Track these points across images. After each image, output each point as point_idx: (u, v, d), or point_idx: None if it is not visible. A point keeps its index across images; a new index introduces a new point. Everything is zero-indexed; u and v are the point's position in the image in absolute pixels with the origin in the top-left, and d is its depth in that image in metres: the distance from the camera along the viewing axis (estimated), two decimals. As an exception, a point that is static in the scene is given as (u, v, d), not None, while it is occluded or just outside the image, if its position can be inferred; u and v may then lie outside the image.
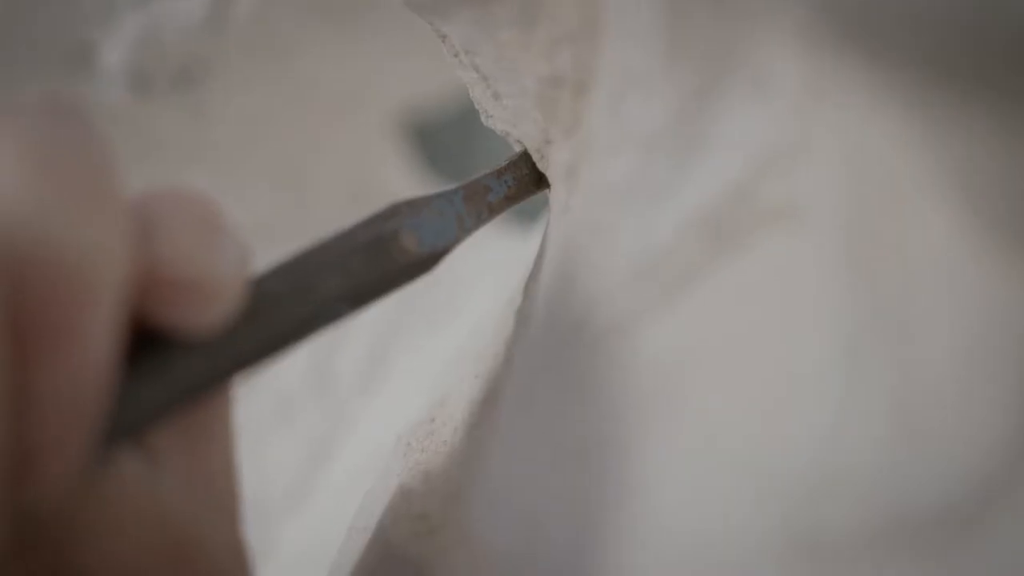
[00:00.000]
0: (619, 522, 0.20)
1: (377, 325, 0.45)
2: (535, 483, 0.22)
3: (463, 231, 0.25)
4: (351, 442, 0.42)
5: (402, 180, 0.48)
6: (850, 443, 0.17)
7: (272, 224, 0.45)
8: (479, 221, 0.26)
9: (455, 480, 0.26)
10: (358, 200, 0.47)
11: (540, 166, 0.27)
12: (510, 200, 0.26)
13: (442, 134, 0.51)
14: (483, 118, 0.27)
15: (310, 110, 0.45)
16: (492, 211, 0.26)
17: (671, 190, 0.21)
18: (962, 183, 0.18)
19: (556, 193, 0.25)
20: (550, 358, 0.23)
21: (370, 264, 0.23)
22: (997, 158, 0.17)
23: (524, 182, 0.26)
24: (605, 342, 0.22)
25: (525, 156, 0.27)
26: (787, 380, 0.18)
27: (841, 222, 0.18)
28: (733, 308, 0.19)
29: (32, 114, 0.18)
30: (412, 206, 0.25)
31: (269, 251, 0.26)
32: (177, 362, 0.20)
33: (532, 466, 0.23)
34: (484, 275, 0.44)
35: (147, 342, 0.20)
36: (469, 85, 0.27)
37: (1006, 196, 0.17)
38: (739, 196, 0.20)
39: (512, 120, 0.26)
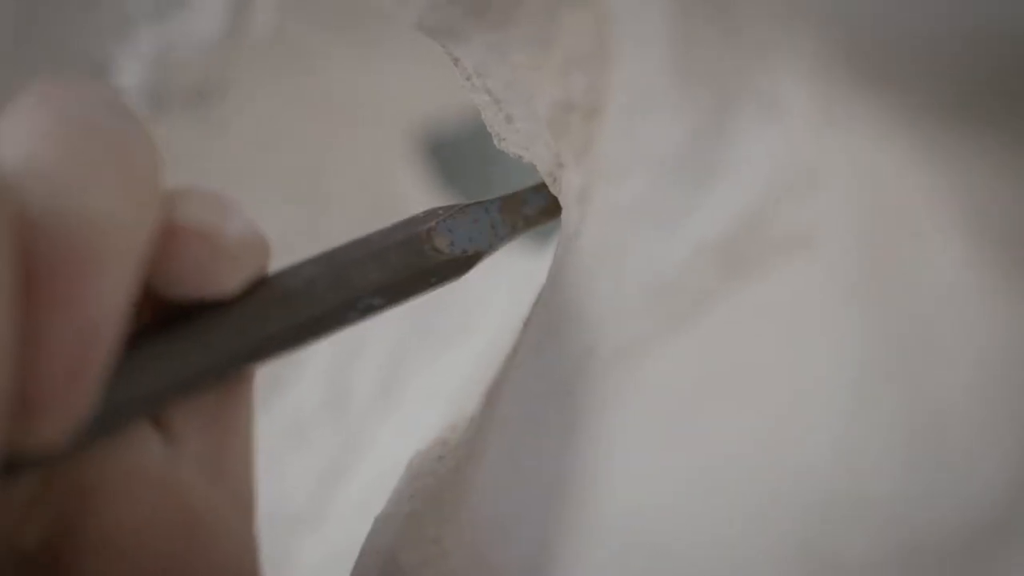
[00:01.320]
0: (629, 551, 0.20)
1: (392, 345, 0.45)
2: (546, 509, 0.22)
3: (497, 239, 0.26)
4: (366, 462, 0.42)
5: (419, 195, 0.48)
6: (863, 468, 0.17)
7: (288, 239, 0.44)
8: (514, 231, 0.26)
9: (466, 505, 0.25)
10: (374, 215, 0.47)
11: (553, 189, 0.27)
12: (546, 214, 0.27)
13: (459, 149, 0.51)
14: (496, 141, 0.27)
15: (326, 125, 0.45)
16: (528, 223, 0.27)
17: (682, 215, 0.21)
18: (974, 211, 0.17)
19: (568, 216, 0.25)
20: (559, 382, 0.23)
21: (404, 261, 0.24)
22: (1009, 187, 0.17)
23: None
24: (615, 366, 0.22)
25: None
26: (798, 406, 0.18)
27: (853, 250, 0.18)
28: (744, 334, 0.19)
29: (78, 89, 0.20)
30: (448, 211, 0.25)
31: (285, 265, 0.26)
32: (203, 336, 0.21)
33: (542, 492, 0.22)
34: (497, 295, 0.44)
35: (176, 317, 0.21)
36: (481, 108, 0.27)
37: (1017, 225, 0.17)
38: (752, 222, 0.20)
39: (524, 143, 0.26)
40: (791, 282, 0.19)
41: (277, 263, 0.36)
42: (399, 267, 0.24)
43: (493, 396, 0.27)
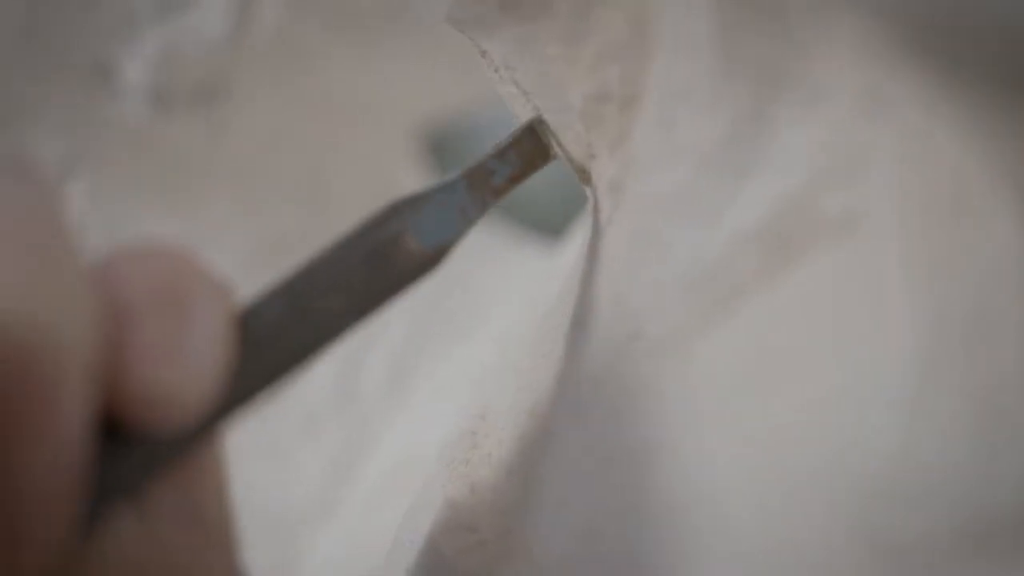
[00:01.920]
0: (681, 531, 0.20)
1: (399, 340, 0.45)
2: (590, 494, 0.22)
3: (466, 222, 0.24)
4: (376, 456, 0.42)
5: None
6: (927, 447, 0.17)
7: (292, 238, 0.45)
8: (484, 207, 0.25)
9: (504, 492, 0.26)
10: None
11: (581, 179, 0.27)
12: (515, 180, 0.25)
13: (460, 148, 0.51)
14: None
15: (330, 124, 0.46)
16: (497, 194, 0.25)
17: (725, 203, 0.21)
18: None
19: (600, 207, 0.26)
20: (602, 370, 0.23)
21: (372, 274, 0.23)
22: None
23: (529, 158, 0.26)
24: (660, 351, 0.22)
25: (528, 130, 0.26)
26: (856, 387, 0.18)
27: (904, 230, 0.18)
28: (794, 318, 0.20)
29: None
30: (412, 204, 0.24)
31: (289, 265, 0.25)
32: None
33: (587, 477, 0.23)
34: (505, 289, 0.45)
35: None
36: (508, 101, 0.27)
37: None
38: (796, 209, 0.20)
39: (553, 135, 0.27)
40: (838, 265, 0.19)
41: (277, 263, 0.36)
42: (368, 283, 0.22)
43: (526, 385, 0.27)
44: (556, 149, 0.27)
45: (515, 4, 0.24)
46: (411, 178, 0.48)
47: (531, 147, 0.26)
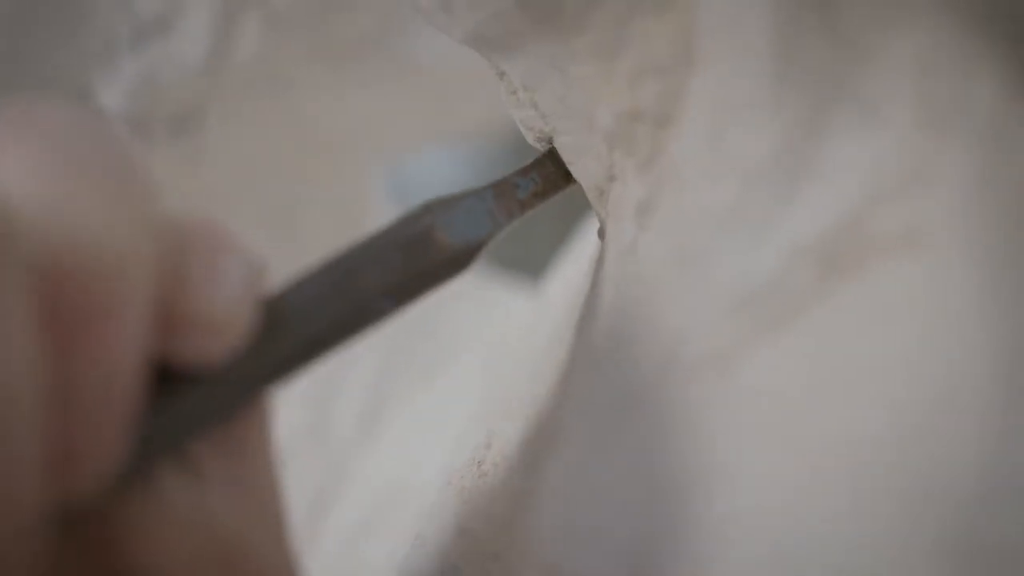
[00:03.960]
0: (733, 556, 0.20)
1: (370, 375, 0.44)
2: (627, 519, 0.22)
3: (496, 226, 0.26)
4: (353, 491, 0.41)
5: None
6: (1016, 453, 0.17)
7: (271, 269, 0.44)
8: (510, 217, 0.26)
9: (521, 520, 0.25)
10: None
11: (595, 204, 0.27)
12: (539, 196, 0.27)
13: (433, 179, 0.51)
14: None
15: (302, 154, 0.45)
16: (523, 207, 0.26)
17: (775, 220, 0.21)
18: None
19: (619, 230, 0.25)
20: (632, 395, 0.23)
21: (409, 259, 0.24)
22: None
23: (551, 179, 0.27)
24: (704, 373, 0.22)
25: (551, 154, 0.27)
26: (935, 397, 0.18)
27: (976, 242, 0.18)
28: (854, 334, 0.20)
29: (61, 114, 0.19)
30: (444, 203, 0.25)
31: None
32: (218, 372, 0.21)
33: (622, 503, 0.22)
34: (480, 323, 0.44)
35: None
36: (524, 125, 0.27)
37: None
38: (850, 225, 0.20)
39: (569, 159, 0.26)
40: (902, 280, 0.19)
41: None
42: (405, 269, 0.24)
43: (534, 415, 0.27)
44: (573, 173, 0.27)
45: (549, 19, 0.23)
46: (380, 210, 0.48)
47: (553, 170, 0.27)
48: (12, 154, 0.18)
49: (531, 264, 0.49)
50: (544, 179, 0.27)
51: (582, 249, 0.34)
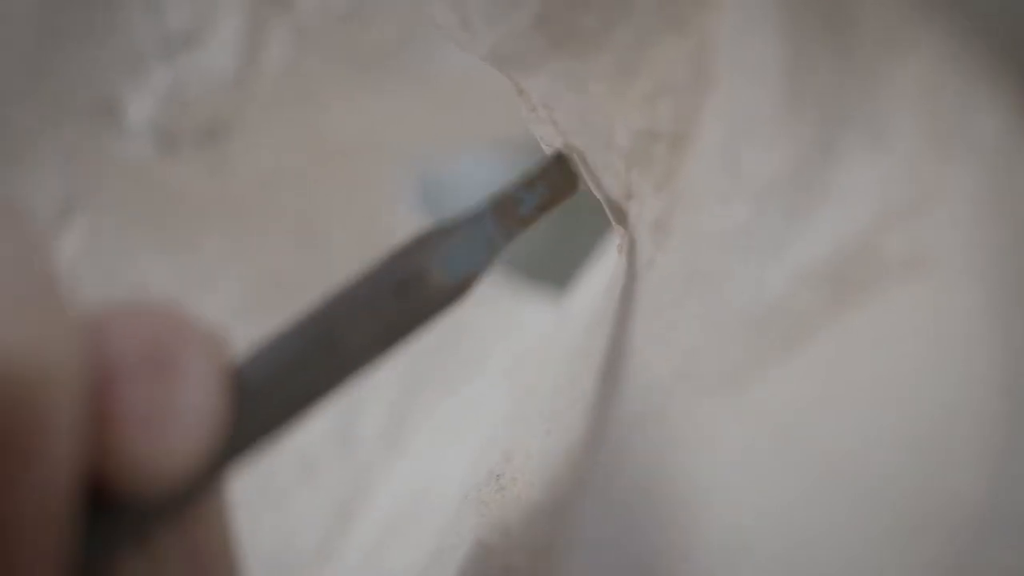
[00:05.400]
0: (736, 570, 0.20)
1: (397, 386, 0.44)
2: (636, 533, 0.22)
3: (493, 253, 0.24)
4: (377, 503, 0.41)
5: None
6: (1018, 482, 0.17)
7: (295, 279, 0.44)
8: (509, 238, 0.25)
9: (540, 535, 0.25)
10: (373, 255, 0.47)
11: (616, 220, 0.27)
12: (542, 209, 0.25)
13: (459, 191, 0.51)
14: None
15: (328, 164, 0.45)
16: (524, 223, 0.25)
17: (786, 240, 0.21)
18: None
19: (640, 248, 0.26)
20: (645, 411, 0.23)
21: (400, 306, 0.22)
22: None
23: (557, 187, 0.26)
24: (712, 391, 0.22)
25: (557, 159, 0.26)
26: (940, 424, 0.18)
27: (984, 266, 0.18)
28: (864, 356, 0.20)
29: None
30: (438, 236, 0.24)
31: (290, 306, 0.25)
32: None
33: (631, 517, 0.23)
34: (505, 334, 0.44)
35: None
36: (543, 141, 0.27)
37: None
38: (861, 246, 0.20)
39: (589, 176, 0.27)
40: (910, 303, 0.19)
41: (284, 303, 0.36)
42: (396, 314, 0.22)
43: (555, 429, 0.27)
44: (594, 190, 0.27)
45: (567, 40, 0.24)
46: (405, 220, 0.48)
47: (559, 177, 0.26)
48: None
49: (556, 274, 0.49)
50: (550, 188, 0.26)
51: (604, 264, 0.34)
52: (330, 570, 0.40)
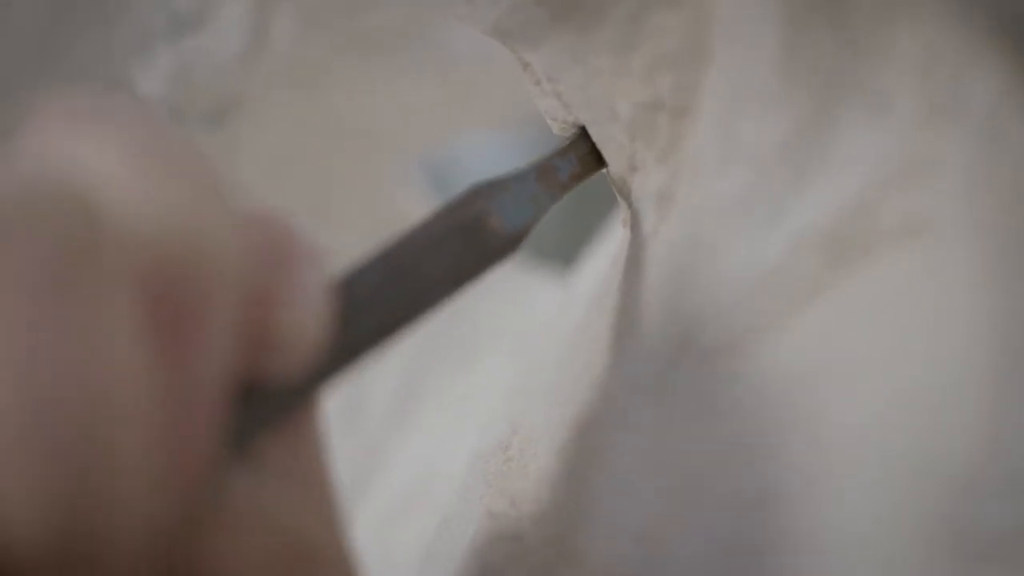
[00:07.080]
0: (746, 531, 0.20)
1: (405, 364, 0.45)
2: (647, 499, 0.23)
3: (540, 209, 0.26)
4: (388, 476, 0.42)
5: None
6: (1010, 443, 0.18)
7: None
8: (552, 199, 0.26)
9: (548, 503, 0.26)
10: (380, 236, 0.47)
11: (620, 193, 0.27)
12: (576, 178, 0.27)
13: (465, 172, 0.52)
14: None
15: (334, 145, 0.46)
16: (564, 189, 0.26)
17: (786, 207, 0.21)
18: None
19: (644, 219, 0.26)
20: (652, 378, 0.24)
21: (465, 246, 0.24)
22: None
23: (586, 160, 0.27)
24: (714, 358, 0.22)
25: (583, 134, 0.27)
26: (934, 385, 0.18)
27: (978, 231, 0.19)
28: (861, 320, 0.20)
29: (133, 108, 0.19)
30: (491, 188, 0.25)
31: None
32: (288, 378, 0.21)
33: (642, 483, 0.23)
34: (513, 309, 0.45)
35: None
36: (548, 115, 0.28)
37: None
38: (858, 213, 0.20)
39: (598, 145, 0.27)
40: (906, 268, 0.20)
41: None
42: (461, 255, 0.24)
43: (563, 399, 0.28)
44: None
45: (567, 14, 0.24)
46: (411, 202, 0.48)
47: (586, 151, 0.27)
48: (93, 147, 0.18)
49: (563, 252, 0.49)
50: (580, 160, 0.27)
51: (610, 242, 0.34)
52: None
